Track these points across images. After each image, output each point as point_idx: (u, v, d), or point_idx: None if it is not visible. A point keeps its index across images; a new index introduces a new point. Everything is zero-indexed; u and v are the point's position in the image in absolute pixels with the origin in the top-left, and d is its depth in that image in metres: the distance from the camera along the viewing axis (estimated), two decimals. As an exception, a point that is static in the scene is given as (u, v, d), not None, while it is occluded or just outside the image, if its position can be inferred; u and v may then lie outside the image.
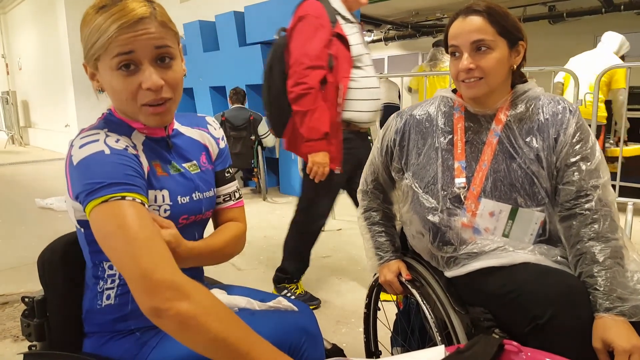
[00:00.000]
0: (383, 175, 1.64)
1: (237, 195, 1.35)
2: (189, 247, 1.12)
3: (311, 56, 2.36)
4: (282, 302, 1.24)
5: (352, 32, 2.53)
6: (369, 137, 2.82)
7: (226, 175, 1.33)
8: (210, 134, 1.31)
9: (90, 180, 0.97)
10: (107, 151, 1.00)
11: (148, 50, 1.02)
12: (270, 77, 2.54)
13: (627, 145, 4.68)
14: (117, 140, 1.04)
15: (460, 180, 1.41)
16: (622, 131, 4.11)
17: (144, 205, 0.99)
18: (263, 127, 5.73)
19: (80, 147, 1.01)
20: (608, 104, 4.59)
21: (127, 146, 1.05)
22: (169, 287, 0.89)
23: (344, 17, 2.54)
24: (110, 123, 1.12)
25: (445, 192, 1.42)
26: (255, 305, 1.23)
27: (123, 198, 0.96)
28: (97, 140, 1.02)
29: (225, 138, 1.36)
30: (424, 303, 1.45)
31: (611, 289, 1.19)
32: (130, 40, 1.00)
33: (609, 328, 1.13)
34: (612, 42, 4.79)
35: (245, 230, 1.34)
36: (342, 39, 2.47)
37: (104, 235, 0.96)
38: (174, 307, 0.88)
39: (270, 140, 5.82)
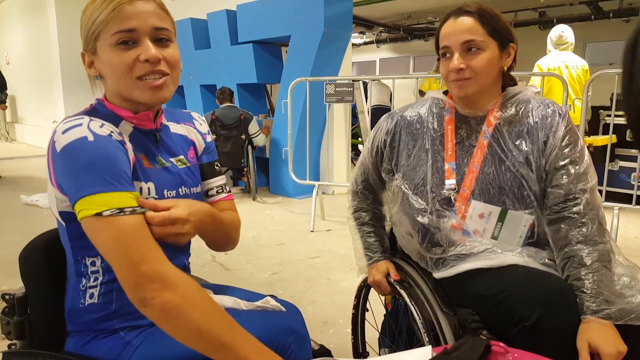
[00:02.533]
0: (373, 176, 1.63)
1: (227, 188, 1.34)
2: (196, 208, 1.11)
3: None
4: (269, 302, 1.23)
5: None
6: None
7: (215, 167, 1.32)
8: (197, 129, 1.31)
9: (77, 172, 0.96)
10: (91, 137, 0.98)
11: (148, 29, 1.04)
12: (633, 61, 1.87)
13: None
14: (102, 125, 1.02)
15: (450, 182, 1.41)
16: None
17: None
18: (254, 126, 5.71)
19: (63, 132, 0.99)
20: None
21: (111, 132, 1.03)
22: (155, 278, 0.91)
23: None
24: (97, 112, 1.11)
25: (435, 194, 1.42)
26: (242, 305, 1.22)
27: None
28: (80, 125, 1.00)
29: (210, 133, 1.35)
30: (412, 304, 1.45)
31: (598, 291, 1.19)
32: (131, 15, 1.02)
33: (596, 332, 1.14)
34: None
35: (240, 222, 1.33)
36: None
37: (94, 226, 0.96)
38: (158, 297, 0.91)
39: (260, 139, 5.81)
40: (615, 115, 4.14)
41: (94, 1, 1.05)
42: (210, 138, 1.34)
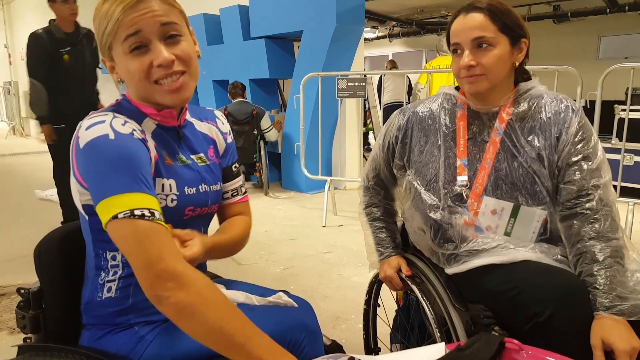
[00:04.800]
0: (384, 172, 1.63)
1: (243, 190, 1.37)
2: (212, 241, 1.18)
3: None
4: (282, 298, 1.24)
5: None
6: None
7: (233, 170, 1.34)
8: (219, 129, 1.32)
9: (97, 172, 0.97)
10: (112, 135, 0.99)
11: (154, 28, 1.03)
12: None
13: None
14: (124, 123, 1.03)
15: (462, 178, 1.41)
16: None
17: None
18: (266, 122, 5.72)
19: (87, 128, 1.00)
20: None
21: (133, 130, 1.03)
22: (170, 277, 0.92)
23: None
24: (122, 108, 1.12)
25: (447, 190, 1.41)
26: (254, 300, 1.22)
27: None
28: (103, 122, 1.01)
29: (231, 133, 1.36)
30: (423, 299, 1.44)
31: (611, 287, 1.18)
32: (135, 20, 1.01)
33: (610, 329, 1.13)
34: None
35: (251, 224, 1.37)
36: None
37: (114, 226, 0.97)
38: (173, 296, 0.91)
39: (272, 134, 5.82)
40: (630, 110, 4.09)
41: (100, 9, 1.05)
42: (230, 138, 1.34)
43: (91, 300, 1.14)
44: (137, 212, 0.94)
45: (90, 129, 0.99)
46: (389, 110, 5.78)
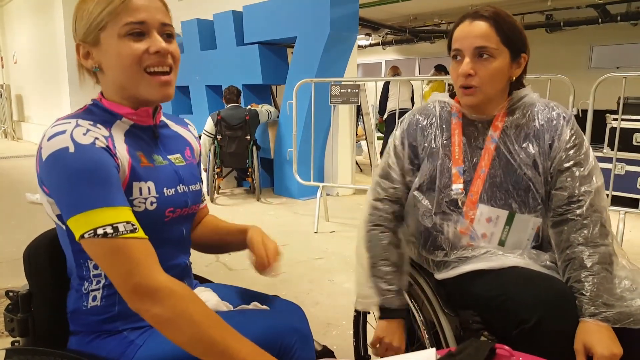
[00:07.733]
0: (402, 180, 1.51)
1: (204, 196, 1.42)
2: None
3: None
4: (257, 306, 1.25)
5: None
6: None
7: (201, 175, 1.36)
8: (191, 133, 1.33)
9: (60, 187, 0.97)
10: (72, 148, 0.96)
11: (156, 23, 1.06)
12: None
13: None
14: (86, 132, 1.00)
15: (457, 186, 1.40)
16: None
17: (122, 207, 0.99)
18: (263, 117, 5.85)
19: (49, 139, 0.98)
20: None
21: (95, 139, 1.00)
22: (144, 291, 0.95)
23: None
24: (90, 113, 1.10)
25: (442, 197, 1.42)
26: (224, 308, 1.22)
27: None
28: (64, 132, 0.98)
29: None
30: (412, 303, 1.44)
31: (597, 294, 1.19)
32: (142, 8, 1.03)
33: (592, 333, 1.14)
34: None
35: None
36: None
37: (85, 246, 0.98)
38: (149, 311, 0.95)
39: (270, 107, 5.98)
40: (622, 119, 4.12)
41: None
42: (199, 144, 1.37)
43: (77, 309, 1.12)
44: (99, 231, 0.94)
45: (52, 140, 0.98)
46: (392, 117, 5.84)
